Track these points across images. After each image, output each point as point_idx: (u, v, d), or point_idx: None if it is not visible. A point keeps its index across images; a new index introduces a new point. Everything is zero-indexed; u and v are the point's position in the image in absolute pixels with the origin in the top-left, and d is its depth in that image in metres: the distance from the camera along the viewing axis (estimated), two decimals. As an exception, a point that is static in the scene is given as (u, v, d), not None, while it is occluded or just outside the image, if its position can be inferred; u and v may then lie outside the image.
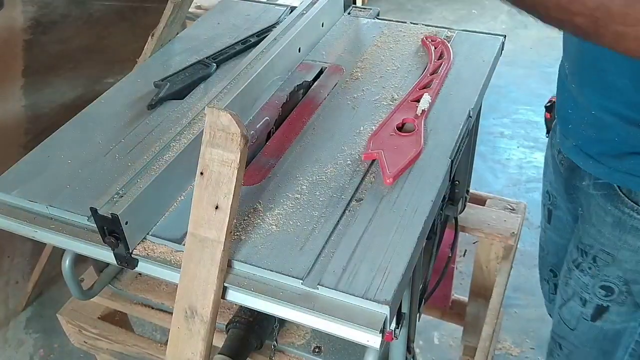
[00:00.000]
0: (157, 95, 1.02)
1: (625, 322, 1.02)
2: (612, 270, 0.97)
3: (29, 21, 3.68)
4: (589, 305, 1.02)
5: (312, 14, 1.16)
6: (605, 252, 0.97)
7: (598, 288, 1.00)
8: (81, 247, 0.82)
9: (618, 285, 0.98)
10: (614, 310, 1.00)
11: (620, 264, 0.96)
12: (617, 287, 0.98)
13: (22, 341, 1.90)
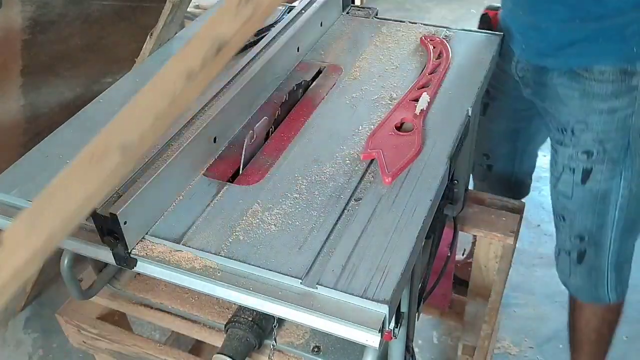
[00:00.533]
0: None
1: (609, 181, 1.22)
2: (588, 136, 1.19)
3: (27, 21, 3.66)
4: (577, 172, 1.23)
5: (310, 14, 1.16)
6: (579, 122, 1.19)
7: (580, 154, 1.21)
8: (80, 246, 0.82)
9: (595, 146, 1.19)
10: (597, 169, 1.21)
11: (593, 128, 1.18)
12: (594, 148, 1.19)
13: (20, 341, 1.90)
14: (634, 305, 1.90)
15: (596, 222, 1.27)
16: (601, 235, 1.29)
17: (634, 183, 1.23)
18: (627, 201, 1.24)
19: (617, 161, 1.20)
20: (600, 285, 1.36)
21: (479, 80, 1.04)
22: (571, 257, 1.35)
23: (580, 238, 1.31)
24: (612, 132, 1.17)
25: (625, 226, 1.28)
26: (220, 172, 0.91)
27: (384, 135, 0.93)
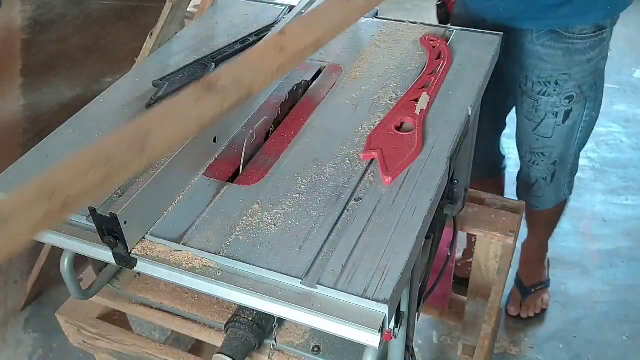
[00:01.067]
0: (155, 94, 1.02)
1: (578, 114, 1.47)
2: (570, 84, 1.40)
3: (27, 21, 3.67)
4: (559, 115, 1.45)
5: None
6: (563, 74, 1.38)
7: (563, 100, 1.42)
8: (80, 246, 0.82)
9: (575, 91, 1.41)
10: (575, 108, 1.45)
11: (574, 77, 1.39)
12: (575, 93, 1.41)
13: (20, 341, 1.90)
14: (634, 306, 1.91)
15: (565, 147, 1.53)
16: (566, 155, 1.55)
17: (594, 111, 1.51)
18: (588, 124, 1.51)
19: (587, 97, 1.45)
20: (560, 191, 1.65)
21: (478, 80, 1.04)
22: (546, 181, 1.60)
23: (554, 163, 1.56)
24: (587, 77, 1.41)
25: (582, 143, 1.56)
26: (220, 172, 0.91)
27: (384, 135, 0.93)
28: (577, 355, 1.77)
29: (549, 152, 1.52)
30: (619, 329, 1.83)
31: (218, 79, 0.52)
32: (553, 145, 1.50)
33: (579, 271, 2.02)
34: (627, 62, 3.03)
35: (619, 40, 3.18)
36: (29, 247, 2.16)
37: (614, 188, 2.33)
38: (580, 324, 1.85)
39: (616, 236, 2.14)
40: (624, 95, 2.81)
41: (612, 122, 2.65)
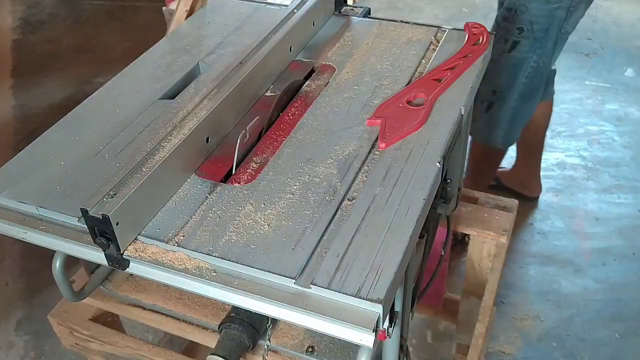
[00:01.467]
0: None
1: (527, 53, 1.64)
2: (525, 17, 1.60)
3: (17, 21, 3.65)
4: (508, 42, 1.65)
5: (302, 13, 1.16)
6: (522, 5, 1.60)
7: (515, 30, 1.62)
8: (72, 248, 0.81)
9: (527, 25, 1.61)
10: (523, 43, 1.63)
11: (530, 12, 1.60)
12: (526, 27, 1.61)
13: (12, 344, 1.89)
14: (627, 303, 1.92)
15: (508, 82, 1.69)
16: (508, 93, 1.71)
17: (541, 59, 1.66)
18: (534, 71, 1.67)
19: (537, 39, 1.62)
20: (493, 132, 1.82)
21: (471, 80, 1.04)
22: (482, 106, 1.77)
23: (493, 92, 1.72)
24: (541, 17, 1.59)
25: (526, 91, 1.70)
26: (213, 172, 0.90)
27: (393, 106, 0.96)
28: (570, 354, 1.78)
29: (491, 77, 1.66)
30: (612, 327, 1.84)
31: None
32: (495, 71, 1.67)
33: (572, 269, 2.03)
34: (619, 60, 3.05)
35: (611, 39, 3.20)
36: (20, 249, 2.15)
37: (606, 186, 2.34)
38: (574, 322, 1.86)
39: (609, 234, 2.15)
40: (615, 94, 2.83)
41: (604, 121, 2.66)
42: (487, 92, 1.73)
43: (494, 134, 1.83)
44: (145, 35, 3.31)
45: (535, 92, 1.75)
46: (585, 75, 2.96)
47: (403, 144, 0.91)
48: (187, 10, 1.34)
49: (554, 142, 2.55)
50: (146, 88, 1.05)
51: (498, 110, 1.76)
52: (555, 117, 2.68)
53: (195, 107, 0.94)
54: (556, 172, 2.42)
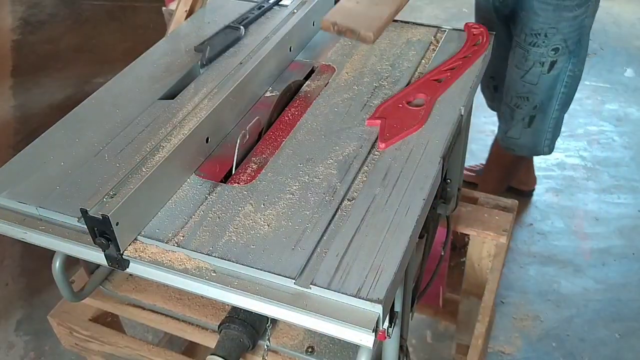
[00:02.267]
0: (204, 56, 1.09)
1: (562, 66, 1.67)
2: (557, 38, 1.61)
3: (17, 21, 3.65)
4: (545, 65, 1.66)
5: (303, 13, 1.16)
6: (552, 28, 1.59)
7: (550, 51, 1.63)
8: (71, 248, 0.81)
9: (561, 44, 1.62)
10: (559, 60, 1.65)
11: (561, 31, 1.60)
12: (560, 46, 1.62)
13: (12, 344, 1.89)
14: (626, 304, 1.91)
15: (547, 95, 1.72)
16: (548, 105, 1.74)
17: (577, 68, 1.69)
18: (571, 80, 1.70)
19: (571, 52, 1.64)
20: (538, 144, 1.85)
21: (470, 80, 1.04)
22: (524, 123, 1.79)
23: (535, 108, 1.75)
24: (572, 32, 1.60)
25: (566, 100, 1.75)
26: (212, 172, 0.90)
27: (393, 107, 0.96)
28: (570, 354, 1.78)
29: (533, 97, 1.72)
30: (612, 327, 1.84)
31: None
32: (537, 92, 1.71)
33: (572, 269, 2.03)
34: (619, 60, 3.05)
35: (611, 39, 3.20)
36: (20, 249, 2.15)
37: (606, 187, 2.34)
38: (573, 323, 1.86)
39: (608, 234, 2.15)
40: (615, 94, 2.83)
41: (604, 121, 2.66)
42: (528, 109, 1.75)
43: (539, 145, 1.85)
44: (145, 35, 3.31)
45: (572, 97, 1.77)
46: (585, 76, 2.93)
47: (403, 144, 0.91)
48: (187, 11, 1.34)
49: (553, 142, 2.55)
50: (146, 88, 1.05)
51: (540, 122, 1.78)
52: (555, 117, 2.68)
53: (195, 107, 0.95)
54: (556, 172, 2.42)
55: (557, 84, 1.69)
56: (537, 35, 1.61)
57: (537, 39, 1.62)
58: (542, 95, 1.71)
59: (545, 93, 1.71)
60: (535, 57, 1.65)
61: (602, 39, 3.20)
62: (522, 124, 1.79)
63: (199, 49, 1.13)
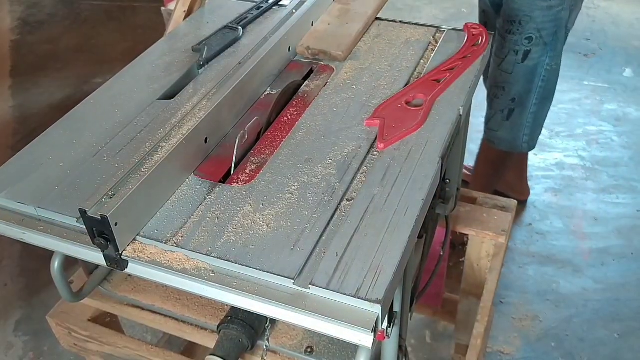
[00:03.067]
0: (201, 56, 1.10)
1: (540, 58, 1.67)
2: (530, 26, 1.62)
3: (16, 21, 3.65)
4: (519, 53, 1.67)
5: (301, 13, 1.16)
6: (526, 15, 1.61)
7: (524, 40, 1.64)
8: (70, 248, 0.81)
9: (534, 34, 1.62)
10: (534, 50, 1.65)
11: (535, 20, 1.61)
12: (534, 35, 1.63)
13: (11, 344, 1.88)
14: (625, 304, 1.92)
15: (525, 88, 1.72)
16: (527, 99, 1.75)
17: (554, 62, 1.69)
18: (549, 74, 1.70)
19: (547, 44, 1.65)
20: (517, 138, 1.84)
21: (470, 79, 1.04)
22: (503, 115, 1.80)
23: (512, 100, 1.75)
24: (547, 23, 1.61)
25: (544, 94, 1.74)
26: (211, 172, 0.90)
27: (392, 107, 0.96)
28: (569, 354, 1.78)
29: (509, 87, 1.73)
30: (611, 327, 1.84)
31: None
32: (512, 82, 1.72)
33: (571, 269, 2.03)
34: (618, 61, 3.05)
35: (609, 39, 3.20)
36: (19, 249, 2.15)
37: (605, 187, 2.34)
38: (572, 323, 1.86)
39: (607, 234, 2.15)
40: (614, 94, 2.83)
41: (603, 121, 2.67)
42: (506, 101, 1.77)
43: (518, 140, 1.85)
44: (144, 35, 3.31)
45: (552, 93, 1.78)
46: (584, 76, 2.96)
47: (402, 144, 0.91)
48: (186, 11, 1.34)
49: (552, 143, 2.56)
50: (145, 88, 1.05)
51: (519, 116, 1.79)
52: (554, 117, 2.68)
53: (193, 108, 0.95)
54: (555, 172, 2.42)
55: (535, 77, 1.71)
56: (512, 23, 1.64)
57: (512, 26, 1.64)
58: (518, 86, 1.72)
59: (522, 85, 1.72)
60: (510, 45, 1.67)
61: (601, 39, 3.20)
62: (500, 116, 1.81)
63: (196, 49, 1.13)
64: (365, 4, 1.22)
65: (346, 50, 1.10)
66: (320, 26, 1.17)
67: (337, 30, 1.15)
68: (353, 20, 1.16)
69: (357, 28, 1.14)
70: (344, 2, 1.23)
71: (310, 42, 1.13)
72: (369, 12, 1.20)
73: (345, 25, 1.15)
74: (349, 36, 1.13)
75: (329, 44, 1.11)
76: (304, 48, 1.12)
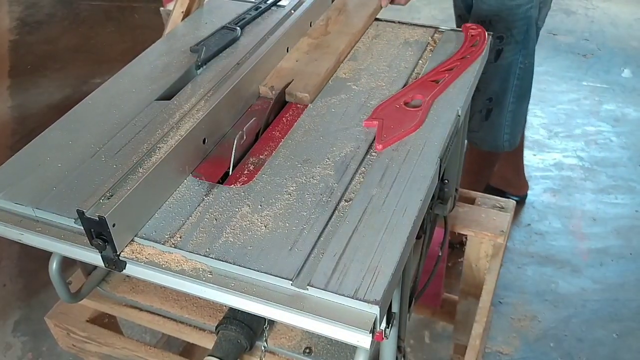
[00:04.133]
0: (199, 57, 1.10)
1: (512, 57, 1.67)
2: (500, 25, 1.61)
3: (14, 21, 3.64)
4: (491, 53, 1.63)
5: (299, 14, 1.16)
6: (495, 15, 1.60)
7: (495, 39, 1.62)
8: (68, 249, 0.81)
9: (505, 32, 1.62)
10: (506, 49, 1.65)
11: (504, 19, 1.60)
12: (504, 34, 1.62)
13: (10, 345, 1.88)
14: (624, 304, 1.92)
15: (501, 87, 1.72)
16: (504, 97, 1.74)
17: (527, 60, 1.69)
18: (523, 72, 1.70)
19: (518, 42, 1.64)
20: (498, 138, 1.84)
21: (469, 80, 1.04)
22: (481, 115, 1.79)
23: (489, 99, 1.75)
24: (517, 22, 1.61)
25: (520, 92, 1.74)
26: (209, 173, 0.90)
27: (391, 107, 0.96)
28: (567, 354, 1.78)
29: (484, 87, 1.72)
30: (610, 327, 1.85)
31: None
32: (487, 82, 1.71)
33: (569, 270, 2.03)
34: (616, 61, 3.05)
35: (608, 40, 3.20)
36: (17, 250, 2.15)
37: (604, 187, 2.34)
38: (571, 323, 1.86)
39: (606, 235, 2.15)
40: (612, 94, 2.83)
41: (601, 122, 2.67)
42: (482, 101, 1.76)
43: (499, 139, 1.85)
44: (143, 35, 3.31)
45: (528, 90, 1.78)
46: (583, 76, 2.96)
47: (400, 145, 0.91)
48: (184, 12, 1.34)
49: (551, 143, 2.56)
50: (143, 89, 1.05)
51: (497, 116, 1.79)
52: (553, 117, 2.69)
53: (192, 108, 0.94)
54: (554, 172, 2.42)
55: (510, 75, 1.70)
56: (482, 23, 1.63)
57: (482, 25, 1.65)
58: (494, 85, 1.72)
59: (497, 84, 1.72)
60: None
61: (600, 40, 3.20)
62: (479, 116, 1.80)
63: (194, 49, 1.13)
64: (338, 38, 1.15)
65: (313, 91, 1.01)
66: (287, 63, 1.08)
67: (306, 68, 1.06)
68: (323, 58, 1.08)
69: (327, 66, 1.06)
70: (314, 37, 1.16)
71: (274, 82, 1.04)
72: (341, 46, 1.12)
73: (314, 62, 1.07)
74: (318, 75, 1.04)
75: (296, 83, 1.03)
76: (268, 88, 1.03)
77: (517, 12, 1.60)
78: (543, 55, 3.04)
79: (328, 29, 1.14)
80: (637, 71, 2.98)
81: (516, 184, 2.25)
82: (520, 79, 1.72)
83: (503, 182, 2.22)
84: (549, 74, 2.97)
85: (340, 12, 1.20)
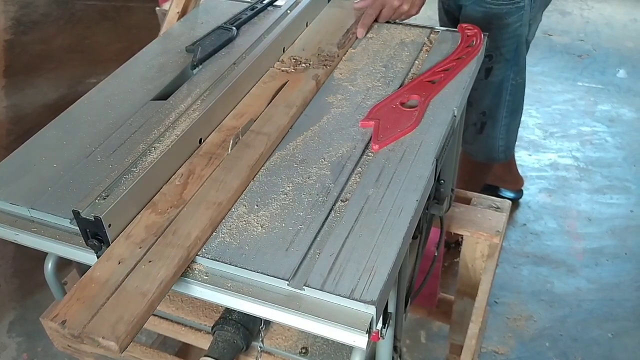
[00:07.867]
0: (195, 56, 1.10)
1: (503, 74, 1.67)
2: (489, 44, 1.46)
3: (9, 21, 3.63)
4: (481, 72, 1.62)
5: (296, 14, 1.16)
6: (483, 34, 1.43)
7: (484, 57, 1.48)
8: (64, 250, 0.81)
9: (494, 51, 1.60)
10: (496, 67, 1.64)
11: (493, 38, 1.56)
12: (493, 53, 1.61)
13: (5, 345, 1.88)
14: (619, 303, 1.92)
15: (494, 102, 1.74)
16: (497, 112, 1.76)
17: (518, 76, 1.69)
18: (515, 88, 1.71)
19: (508, 60, 1.64)
20: (493, 150, 1.86)
21: (464, 80, 1.04)
22: (476, 128, 1.81)
23: (482, 114, 1.77)
24: (505, 40, 1.59)
25: (512, 107, 1.76)
26: (206, 173, 0.90)
27: (387, 108, 0.97)
28: (563, 353, 1.78)
29: (476, 102, 1.74)
30: (605, 327, 1.85)
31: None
32: (479, 97, 1.72)
33: (565, 269, 2.04)
34: (611, 62, 3.06)
35: (603, 41, 3.21)
36: (12, 250, 2.14)
37: (599, 187, 2.35)
38: (566, 322, 1.87)
39: (601, 235, 2.16)
40: (607, 95, 2.84)
41: (597, 122, 2.67)
42: (476, 115, 1.77)
43: (494, 151, 1.86)
44: (139, 35, 3.30)
45: (520, 105, 1.79)
46: (578, 77, 2.97)
47: (396, 145, 0.92)
48: (179, 12, 1.34)
49: (546, 143, 2.56)
50: (139, 89, 1.05)
51: (491, 128, 1.80)
52: (548, 118, 2.69)
53: (187, 108, 0.94)
54: (549, 172, 2.42)
55: (502, 91, 1.70)
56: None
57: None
58: (486, 101, 1.72)
59: (490, 100, 1.72)
60: None
61: (595, 40, 3.21)
62: (474, 129, 1.81)
63: (190, 49, 1.13)
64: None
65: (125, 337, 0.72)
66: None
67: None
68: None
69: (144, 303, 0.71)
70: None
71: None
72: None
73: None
74: (131, 317, 0.72)
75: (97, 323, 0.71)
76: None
77: (506, 30, 1.58)
78: (538, 56, 3.05)
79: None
80: (632, 72, 2.99)
81: (510, 179, 2.26)
82: (512, 94, 1.72)
83: (497, 180, 2.23)
84: (544, 74, 2.97)
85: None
